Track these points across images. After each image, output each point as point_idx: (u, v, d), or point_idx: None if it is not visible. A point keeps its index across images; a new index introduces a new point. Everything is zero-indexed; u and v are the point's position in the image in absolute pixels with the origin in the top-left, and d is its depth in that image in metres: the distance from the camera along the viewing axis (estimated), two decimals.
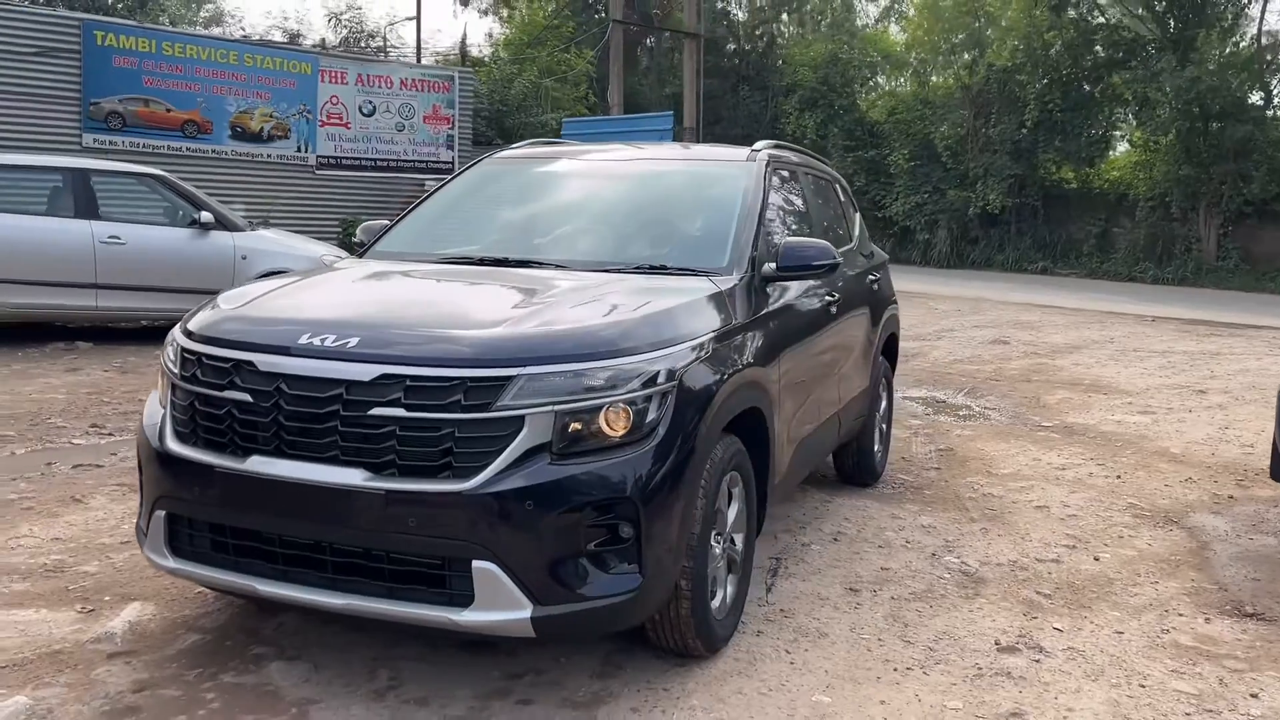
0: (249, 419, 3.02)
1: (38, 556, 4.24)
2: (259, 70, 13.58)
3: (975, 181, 26.68)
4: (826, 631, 3.77)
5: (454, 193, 4.71)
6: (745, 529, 3.68)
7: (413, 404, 2.87)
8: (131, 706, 3.03)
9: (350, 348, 2.97)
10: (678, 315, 3.32)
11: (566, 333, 3.07)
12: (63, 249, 9.18)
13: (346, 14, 30.74)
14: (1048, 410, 8.33)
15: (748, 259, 3.94)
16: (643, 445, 2.98)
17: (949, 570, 4.50)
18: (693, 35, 19.43)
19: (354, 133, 14.36)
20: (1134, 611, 4.13)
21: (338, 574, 2.97)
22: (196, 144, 13.21)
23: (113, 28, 12.87)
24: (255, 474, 2.98)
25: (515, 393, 2.87)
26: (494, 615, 2.85)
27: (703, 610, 3.27)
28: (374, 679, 3.26)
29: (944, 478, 6.11)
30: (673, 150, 4.97)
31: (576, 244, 4.20)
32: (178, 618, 3.67)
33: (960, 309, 16.40)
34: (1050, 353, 11.64)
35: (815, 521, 5.10)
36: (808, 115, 30.09)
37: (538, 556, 2.85)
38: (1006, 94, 26.34)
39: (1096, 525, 5.26)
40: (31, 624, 3.57)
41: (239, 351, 3.10)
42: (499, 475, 2.83)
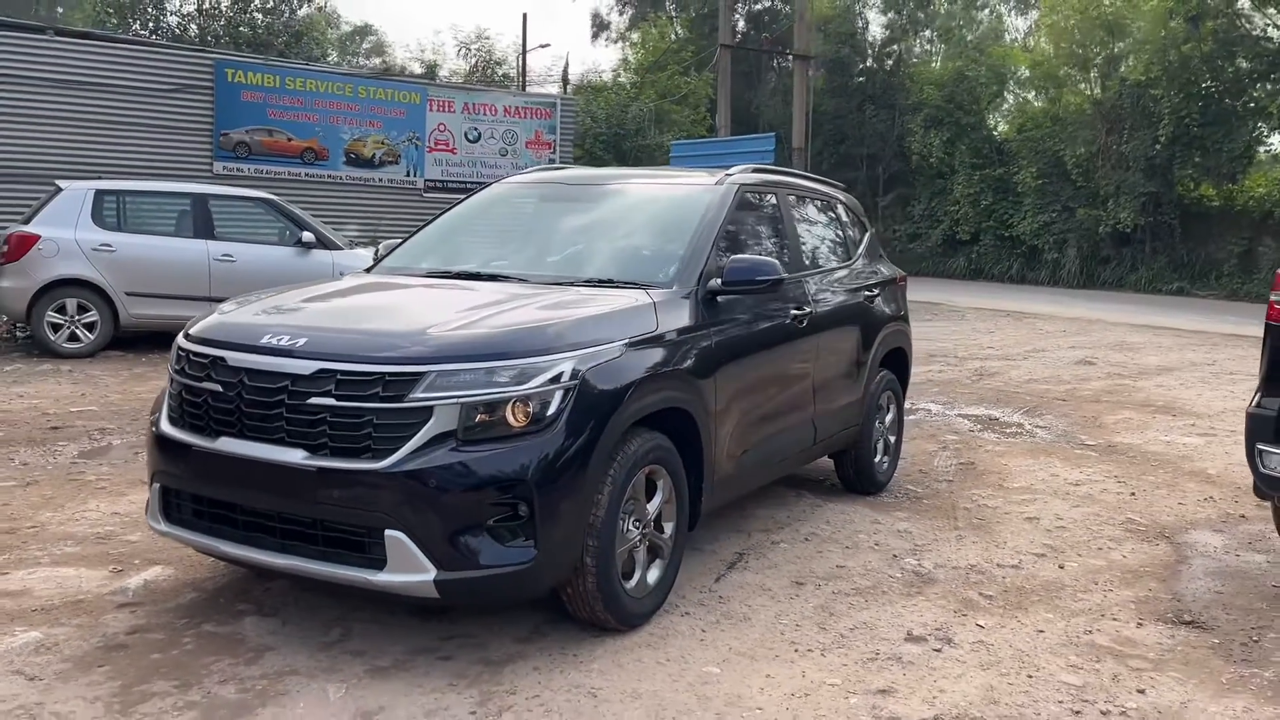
0: (220, 405, 3.59)
1: (95, 527, 4.96)
2: (372, 101, 14.66)
3: (1106, 199, 25.90)
4: (750, 617, 4.09)
5: (457, 214, 5.26)
6: (675, 519, 4.04)
7: (341, 394, 3.38)
8: (121, 644, 3.63)
9: (298, 346, 3.51)
10: (592, 322, 3.74)
11: (480, 335, 3.53)
12: (183, 266, 10.25)
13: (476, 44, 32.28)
14: (1100, 430, 8.29)
15: (697, 275, 4.32)
16: (541, 435, 3.41)
17: (902, 570, 4.73)
18: (802, 57, 19.68)
19: (460, 158, 15.28)
20: (1068, 614, 4.28)
21: (284, 539, 3.50)
22: (314, 170, 14.35)
23: (242, 65, 14.16)
24: (222, 452, 3.55)
25: (425, 386, 3.34)
26: (402, 577, 3.32)
27: (610, 586, 3.66)
28: (328, 634, 3.77)
29: (951, 489, 6.27)
30: (658, 176, 5.36)
31: (541, 260, 4.67)
32: (187, 579, 4.28)
33: (1066, 330, 16.10)
34: (1136, 374, 11.42)
35: (795, 523, 5.39)
36: (933, 133, 29.79)
37: (440, 528, 3.31)
38: (1140, 109, 25.49)
39: (1080, 537, 5.37)
40: (68, 579, 4.25)
41: (216, 349, 3.68)
42: (409, 456, 3.30)
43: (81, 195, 10.11)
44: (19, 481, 5.70)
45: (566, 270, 4.50)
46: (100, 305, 10.02)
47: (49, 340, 9.94)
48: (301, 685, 3.36)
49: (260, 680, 3.39)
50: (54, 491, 5.53)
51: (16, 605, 3.95)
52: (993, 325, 16.79)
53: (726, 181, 4.90)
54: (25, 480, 5.74)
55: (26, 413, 7.54)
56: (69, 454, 6.41)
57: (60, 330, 9.98)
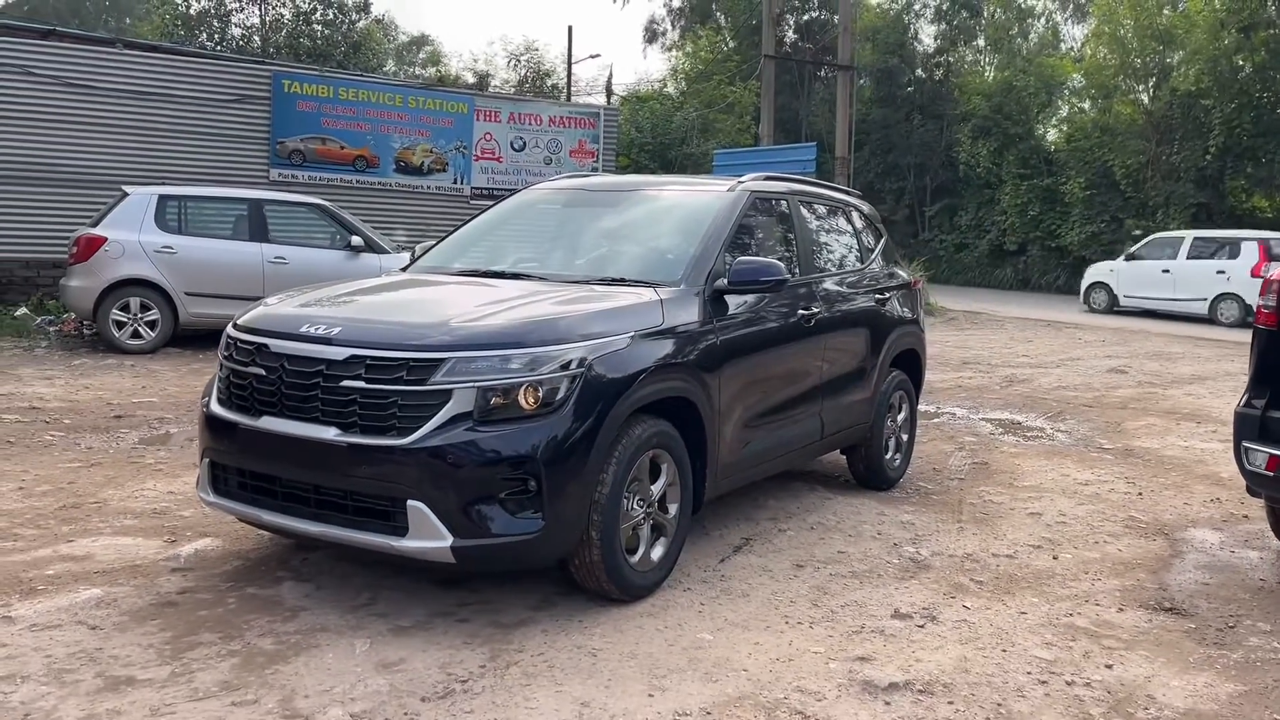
0: (263, 388, 3.98)
1: (152, 503, 5.39)
2: (421, 110, 15.19)
3: (1156, 210, 25.76)
4: (749, 594, 4.39)
5: (488, 218, 5.64)
6: (680, 500, 4.36)
7: (371, 378, 3.75)
8: (172, 602, 4.02)
9: (334, 335, 3.89)
10: (601, 316, 4.08)
11: (496, 326, 3.89)
12: (239, 267, 10.77)
13: (525, 55, 32.90)
14: (1121, 434, 8.44)
15: (705, 275, 4.64)
16: (551, 417, 3.75)
17: (900, 557, 5.00)
18: (845, 67, 19.90)
19: (505, 166, 15.76)
20: (1053, 599, 4.52)
21: (318, 508, 3.87)
22: (365, 177, 14.89)
23: (298, 76, 14.75)
24: (264, 430, 3.94)
25: (446, 371, 3.70)
26: (422, 543, 3.67)
27: (614, 558, 3.98)
28: (357, 598, 4.14)
29: (962, 486, 6.50)
30: (676, 183, 5.70)
31: (560, 260, 5.03)
32: (234, 549, 4.68)
33: (1104, 339, 16.13)
34: (1167, 383, 11.49)
35: (803, 513, 5.67)
36: (981, 143, 29.80)
37: (457, 499, 3.66)
38: (1191, 119, 25.35)
39: (1079, 531, 5.58)
40: (128, 547, 4.67)
41: (260, 337, 4.07)
42: (430, 434, 3.66)
43: (146, 200, 10.68)
44: (84, 463, 6.17)
45: (584, 270, 4.85)
46: (161, 304, 10.57)
47: (113, 337, 10.50)
48: (331, 640, 3.73)
49: (295, 635, 3.76)
50: (116, 472, 5.98)
51: (81, 568, 4.37)
52: (1031, 334, 16.86)
53: (739, 188, 5.21)
54: (90, 462, 6.20)
55: (93, 403, 8.05)
56: (130, 440, 6.88)
57: (124, 328, 10.54)
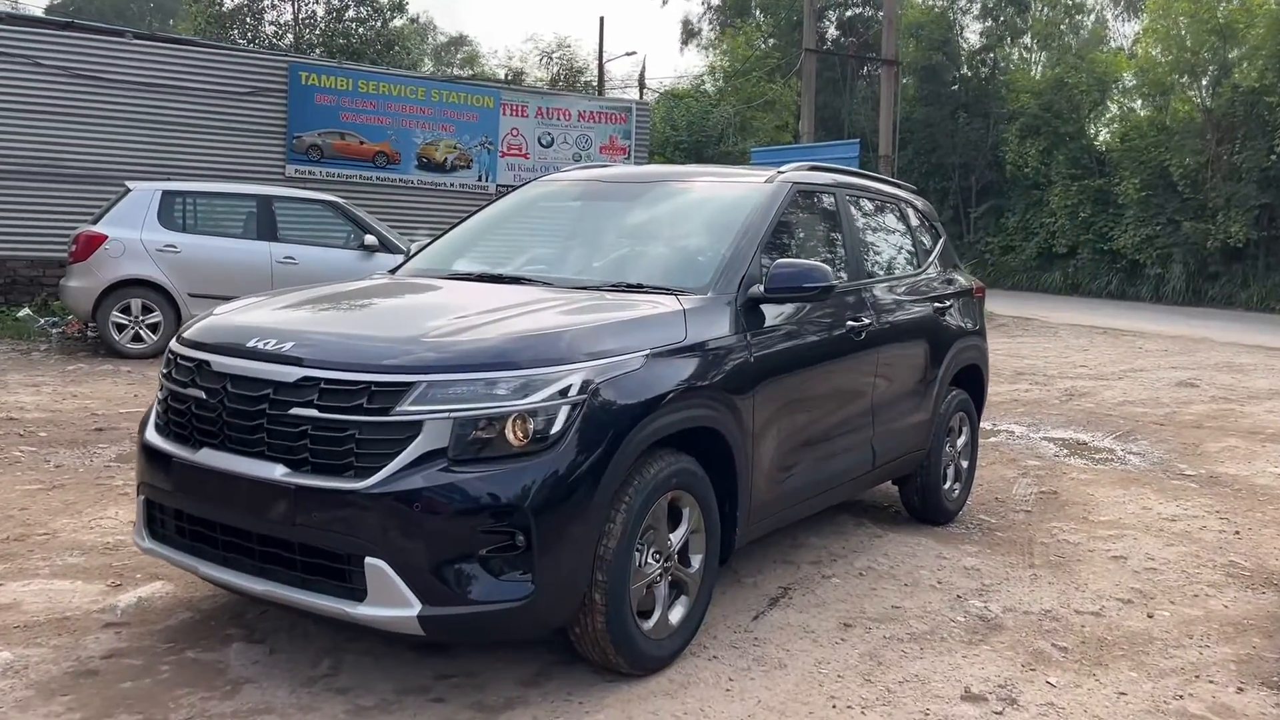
0: (203, 414, 3.30)
1: (105, 536, 4.73)
2: (444, 105, 14.52)
3: (1216, 212, 24.64)
4: (787, 663, 3.65)
5: (491, 214, 4.93)
6: (704, 551, 3.63)
7: (324, 405, 3.05)
8: (93, 670, 3.35)
9: (283, 351, 3.19)
10: (610, 330, 3.35)
11: (479, 343, 3.17)
12: (245, 268, 10.16)
13: (557, 52, 32.25)
14: (1201, 458, 7.60)
15: (738, 280, 3.90)
16: (544, 455, 3.03)
17: (966, 614, 4.23)
18: (890, 62, 19.04)
19: (532, 163, 15.05)
20: (1156, 674, 3.74)
21: (263, 562, 3.18)
22: (386, 174, 14.25)
23: (315, 68, 14.16)
24: (202, 465, 3.25)
25: (414, 398, 2.99)
26: (384, 611, 2.97)
27: (623, 626, 3.26)
28: (315, 667, 3.45)
29: (1029, 521, 5.72)
30: (706, 174, 4.95)
31: (570, 263, 4.31)
32: (184, 598, 4.01)
33: (1167, 349, 15.18)
34: (1243, 398, 10.59)
35: (850, 555, 4.92)
36: (1029, 143, 28.75)
37: (426, 557, 2.95)
38: (1254, 117, 24.18)
39: (1174, 581, 4.79)
40: (61, 593, 4.01)
41: (201, 352, 3.39)
42: (393, 477, 2.95)
43: (149, 196, 10.11)
44: (46, 485, 5.54)
45: (596, 274, 4.12)
46: (164, 306, 9.99)
47: (114, 340, 9.94)
48: None
49: (231, 718, 3.07)
50: (77, 496, 5.35)
51: (1, 620, 3.72)
52: (1087, 342, 15.94)
53: (778, 180, 4.47)
54: (53, 484, 5.58)
55: (75, 413, 7.46)
56: (106, 457, 6.26)
57: (125, 330, 9.98)
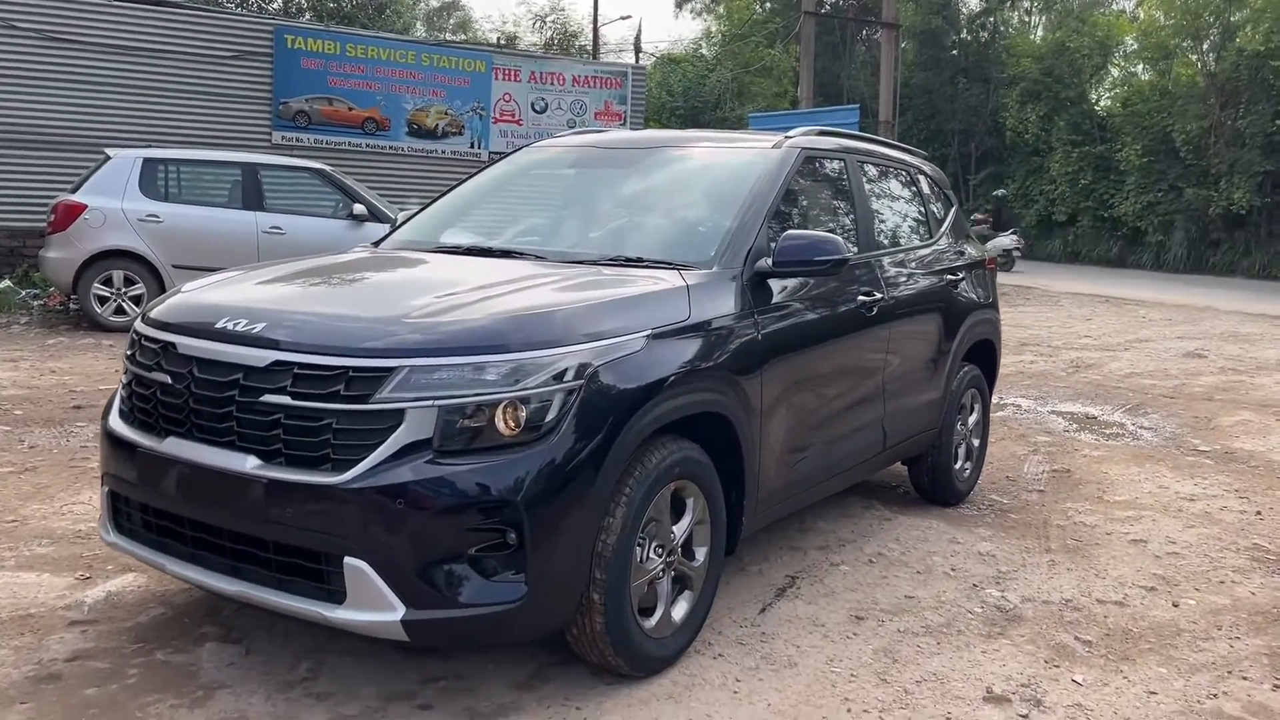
0: (168, 400, 3.05)
1: (77, 524, 4.50)
2: (435, 69, 14.14)
3: (1219, 179, 24.35)
4: (798, 661, 3.44)
5: (480, 182, 4.65)
6: (709, 544, 3.40)
7: (298, 392, 2.81)
8: (55, 674, 3.12)
9: (254, 333, 2.94)
10: (607, 308, 3.10)
11: (466, 324, 2.92)
12: (231, 238, 9.88)
13: (550, 16, 31.66)
14: (1215, 433, 7.39)
15: (744, 253, 3.65)
16: (538, 445, 2.79)
17: (983, 604, 4.02)
18: (890, 26, 18.65)
19: (526, 129, 14.68)
20: (1187, 670, 3.54)
21: (235, 560, 2.95)
22: (375, 140, 13.89)
23: (302, 31, 13.75)
24: (168, 455, 3.01)
25: (395, 385, 2.75)
26: (364, 615, 2.74)
27: (623, 626, 3.03)
28: (294, 670, 3.22)
29: (1042, 501, 5.51)
30: (709, 139, 4.67)
31: (565, 235, 4.05)
32: (157, 591, 3.78)
33: (1171, 318, 14.97)
34: (1253, 369, 10.38)
35: (859, 540, 4.70)
36: (1030, 108, 28.39)
37: (410, 557, 2.72)
38: (1259, 81, 23.82)
39: (1197, 566, 4.58)
40: (26, 587, 3.77)
41: (167, 333, 3.14)
42: (373, 470, 2.72)
43: (129, 164, 9.79)
44: (17, 467, 5.30)
45: (592, 247, 3.86)
46: (147, 278, 9.71)
47: (95, 313, 9.66)
48: None
49: None
50: (50, 480, 5.11)
51: None
52: (1090, 311, 15.72)
53: (785, 145, 4.20)
54: (25, 465, 5.33)
55: (53, 390, 7.20)
56: (83, 437, 6.01)
57: (107, 303, 9.70)
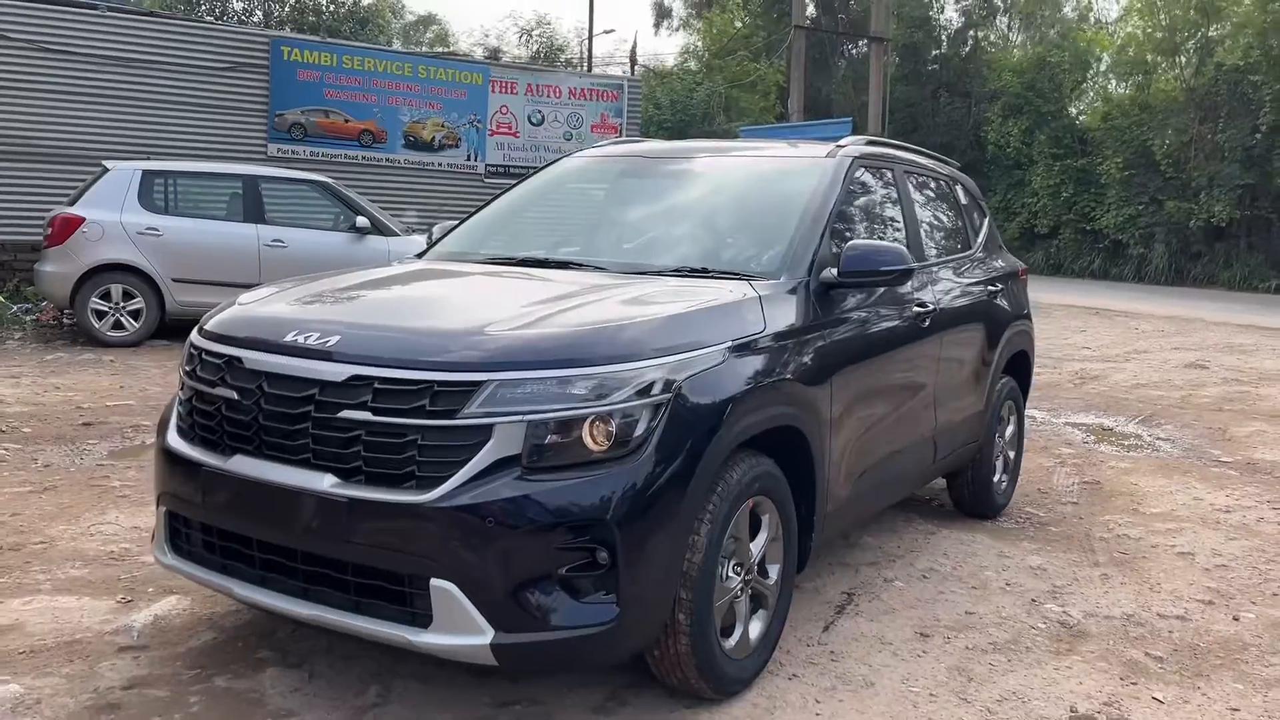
0: (235, 417, 2.94)
1: (108, 544, 4.36)
2: (432, 81, 14.05)
3: (1198, 192, 24.56)
4: (873, 681, 3.36)
5: (525, 192, 4.56)
6: (782, 561, 3.33)
7: (379, 407, 2.71)
8: (114, 703, 3.00)
9: (328, 346, 2.84)
10: (688, 320, 3.02)
11: (550, 337, 2.83)
12: (232, 251, 9.72)
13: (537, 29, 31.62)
14: (1233, 444, 7.39)
15: (807, 264, 3.59)
16: (627, 462, 2.70)
17: (1046, 620, 3.96)
18: (879, 40, 18.73)
19: (522, 141, 14.62)
20: (1263, 685, 3.49)
21: (308, 583, 2.84)
22: (371, 153, 13.77)
23: (298, 44, 13.63)
24: (236, 474, 2.90)
25: (483, 400, 2.65)
26: (452, 639, 2.64)
27: (707, 647, 2.95)
28: (362, 695, 3.11)
29: (1079, 514, 5.47)
30: (756, 148, 4.63)
31: (621, 245, 3.97)
32: (204, 614, 3.66)
33: (1164, 329, 15.04)
34: (1256, 379, 10.42)
35: (908, 555, 4.63)
36: (1012, 122, 28.59)
37: (500, 578, 2.62)
38: (1238, 96, 24.10)
39: (1248, 579, 4.55)
40: (68, 611, 3.64)
41: (231, 347, 3.04)
42: (461, 488, 2.62)
43: (128, 176, 9.62)
44: (36, 486, 5.15)
45: (652, 257, 3.78)
46: (146, 292, 9.53)
47: (93, 328, 9.47)
48: None
49: None
50: (72, 499, 4.96)
51: (5, 644, 3.34)
52: (1083, 323, 15.78)
53: (839, 154, 4.16)
54: (43, 485, 5.18)
55: (60, 406, 7.03)
56: (97, 454, 5.87)
57: (105, 318, 9.51)
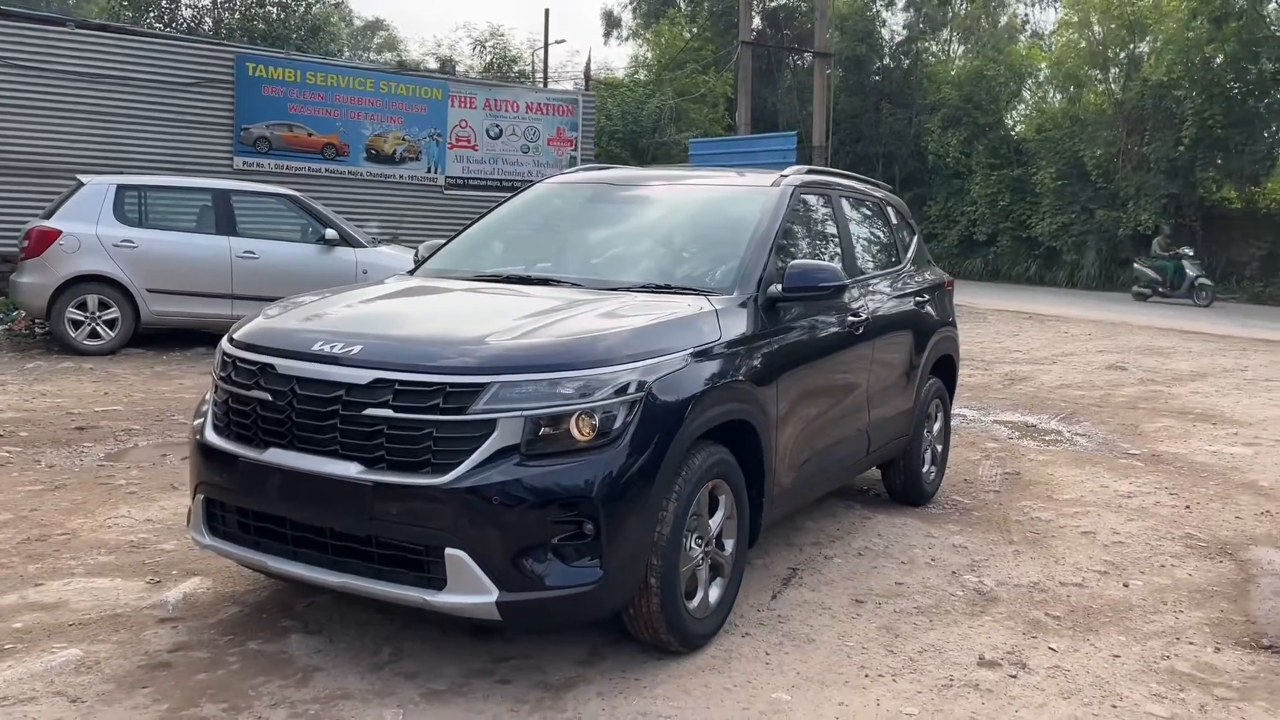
0: (269, 415, 3.44)
1: (127, 534, 4.81)
2: (393, 96, 14.51)
3: (1126, 201, 25.69)
4: (814, 638, 3.93)
5: (503, 214, 5.10)
6: (736, 535, 3.89)
7: (400, 405, 3.23)
8: (165, 663, 3.48)
9: (353, 354, 3.35)
10: (656, 331, 3.58)
11: (542, 345, 3.37)
12: (205, 262, 10.10)
13: (490, 41, 32.03)
14: (1142, 438, 8.11)
15: (756, 280, 4.15)
16: (607, 450, 3.25)
17: (963, 588, 4.57)
18: (822, 54, 19.48)
19: (481, 154, 15.13)
20: (1142, 637, 4.12)
21: (337, 555, 3.35)
22: (334, 165, 14.20)
23: (263, 59, 14.01)
24: (271, 464, 3.39)
25: (489, 398, 3.19)
26: (463, 598, 3.16)
27: (674, 607, 3.50)
28: (377, 654, 3.62)
29: (1000, 500, 6.11)
30: (711, 176, 5.20)
31: (594, 264, 4.51)
32: (227, 592, 4.13)
33: (1091, 333, 15.90)
34: (1169, 380, 11.22)
35: (846, 536, 5.23)
36: (950, 133, 29.60)
37: (503, 546, 3.16)
38: (1162, 110, 25.27)
39: (1140, 553, 5.20)
40: (104, 591, 4.10)
41: (264, 355, 3.53)
42: (471, 472, 3.15)
43: (103, 190, 9.96)
44: (47, 485, 5.56)
45: (619, 275, 4.33)
46: (121, 302, 9.87)
47: (69, 337, 9.80)
48: (356, 710, 3.21)
49: (312, 704, 3.24)
50: (84, 496, 5.39)
51: (54, 619, 3.80)
52: (1016, 328, 16.60)
53: (783, 183, 4.73)
54: (54, 484, 5.59)
55: (50, 412, 7.40)
56: (96, 455, 6.27)
57: (81, 327, 9.83)
